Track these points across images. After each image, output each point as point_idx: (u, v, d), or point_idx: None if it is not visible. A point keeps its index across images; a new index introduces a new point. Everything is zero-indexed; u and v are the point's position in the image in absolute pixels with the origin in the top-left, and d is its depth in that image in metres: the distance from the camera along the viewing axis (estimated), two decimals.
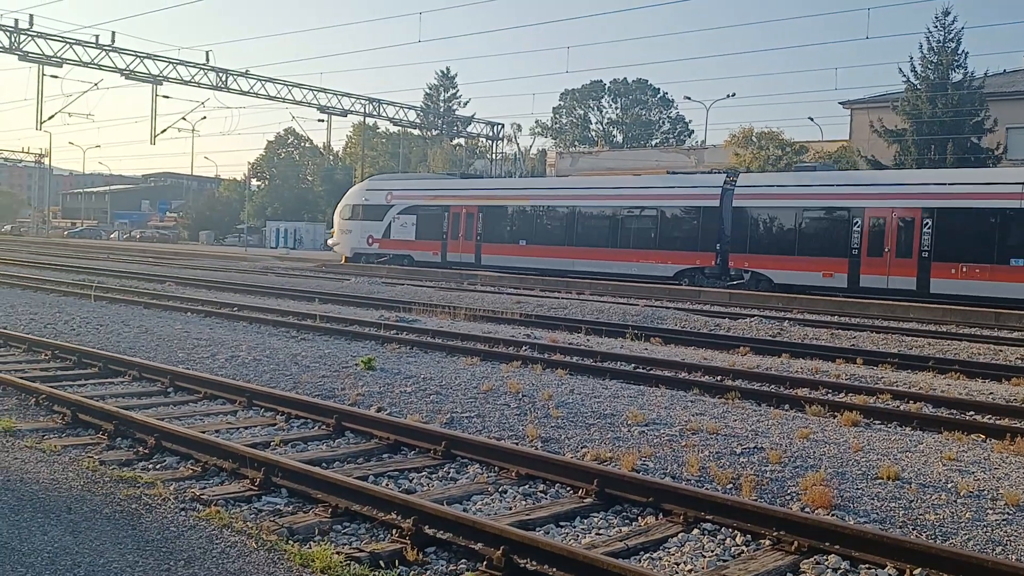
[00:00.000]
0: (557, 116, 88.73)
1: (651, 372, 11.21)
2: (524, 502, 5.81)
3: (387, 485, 5.94)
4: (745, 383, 10.56)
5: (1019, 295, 22.10)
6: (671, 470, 6.58)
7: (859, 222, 25.14)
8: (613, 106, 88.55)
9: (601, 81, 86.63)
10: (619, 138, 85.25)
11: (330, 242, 42.74)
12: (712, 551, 5.00)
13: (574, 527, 5.38)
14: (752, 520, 5.21)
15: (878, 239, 24.83)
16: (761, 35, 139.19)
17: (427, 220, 35.64)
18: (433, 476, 6.33)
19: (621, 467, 6.41)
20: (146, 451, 6.58)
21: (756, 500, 5.77)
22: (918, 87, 37.13)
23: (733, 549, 5.04)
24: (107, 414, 7.26)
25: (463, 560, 4.67)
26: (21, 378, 8.77)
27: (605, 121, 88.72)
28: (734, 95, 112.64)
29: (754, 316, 19.09)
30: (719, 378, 10.92)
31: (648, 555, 4.96)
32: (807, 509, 5.70)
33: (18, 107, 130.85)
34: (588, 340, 14.71)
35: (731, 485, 6.18)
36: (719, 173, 31.35)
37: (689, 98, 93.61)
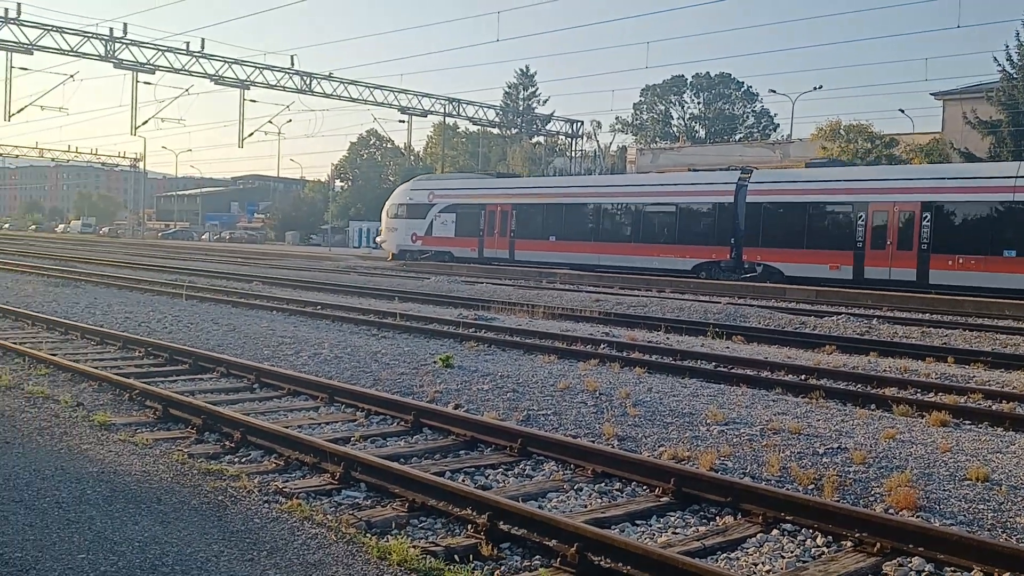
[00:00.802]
0: (637, 112, 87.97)
1: (732, 371, 11.05)
2: (599, 500, 5.81)
3: (463, 481, 6.02)
4: (830, 382, 10.31)
5: (1011, 285, 22.94)
6: (751, 470, 6.49)
7: (863, 216, 26.13)
8: (695, 101, 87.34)
9: (682, 76, 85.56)
10: (701, 133, 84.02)
11: (378, 240, 44.59)
12: (792, 552, 4.91)
13: (650, 526, 5.36)
14: (833, 521, 5.10)
15: (881, 232, 25.80)
16: (848, 25, 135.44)
17: (465, 218, 37.49)
18: (509, 473, 6.38)
19: (699, 466, 6.35)
20: (232, 445, 6.82)
21: (838, 501, 5.65)
22: (1014, 76, 35.59)
23: (813, 550, 4.95)
24: (196, 409, 7.53)
25: (537, 556, 4.70)
26: (116, 374, 9.16)
27: (687, 116, 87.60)
28: (821, 87, 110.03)
29: (841, 314, 18.62)
30: (803, 377, 10.70)
31: (725, 555, 4.91)
32: (891, 511, 5.55)
33: (113, 113, 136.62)
34: (668, 338, 14.59)
35: (813, 486, 6.06)
36: (734, 170, 31.96)
37: (774, 91, 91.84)
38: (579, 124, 65.52)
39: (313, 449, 6.31)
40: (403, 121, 58.42)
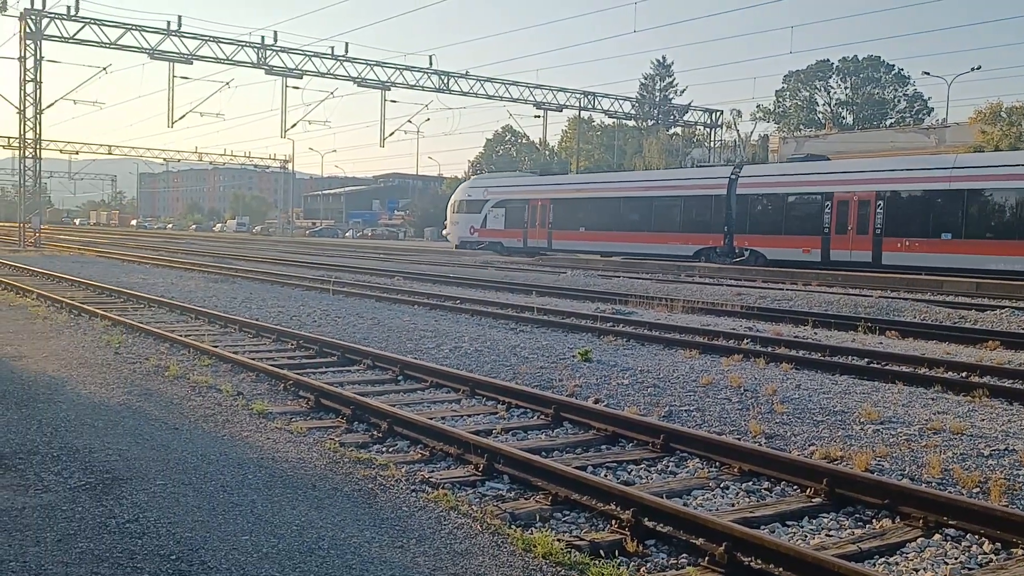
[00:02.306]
0: (780, 99, 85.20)
1: (886, 367, 10.53)
2: (747, 499, 5.66)
3: (605, 476, 6.00)
4: (995, 380, 9.67)
5: (948, 264, 26.07)
6: (909, 471, 6.17)
7: (829, 205, 29.53)
8: (842, 86, 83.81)
9: (828, 60, 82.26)
10: (849, 119, 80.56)
11: (444, 232, 49.19)
12: (956, 559, 4.64)
13: (801, 527, 5.18)
14: (1002, 527, 4.79)
15: (843, 219, 29.16)
16: (1010, 2, 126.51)
17: (513, 212, 42.02)
18: (652, 469, 6.31)
19: (853, 466, 6.09)
20: (380, 435, 7.04)
21: (1007, 506, 5.29)
22: None
23: (980, 557, 4.66)
24: (346, 400, 7.82)
25: (684, 555, 4.62)
26: (272, 365, 9.63)
27: (833, 102, 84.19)
28: (979, 68, 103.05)
29: (1004, 307, 17.44)
30: (964, 374, 10.08)
31: (883, 559, 4.69)
32: None
33: (265, 118, 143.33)
34: (815, 333, 14.08)
35: (978, 489, 5.71)
36: (729, 165, 36.57)
37: (928, 73, 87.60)
38: (718, 113, 64.05)
39: (457, 441, 6.44)
40: (538, 116, 58.71)
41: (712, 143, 64.79)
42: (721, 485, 5.89)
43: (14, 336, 11.67)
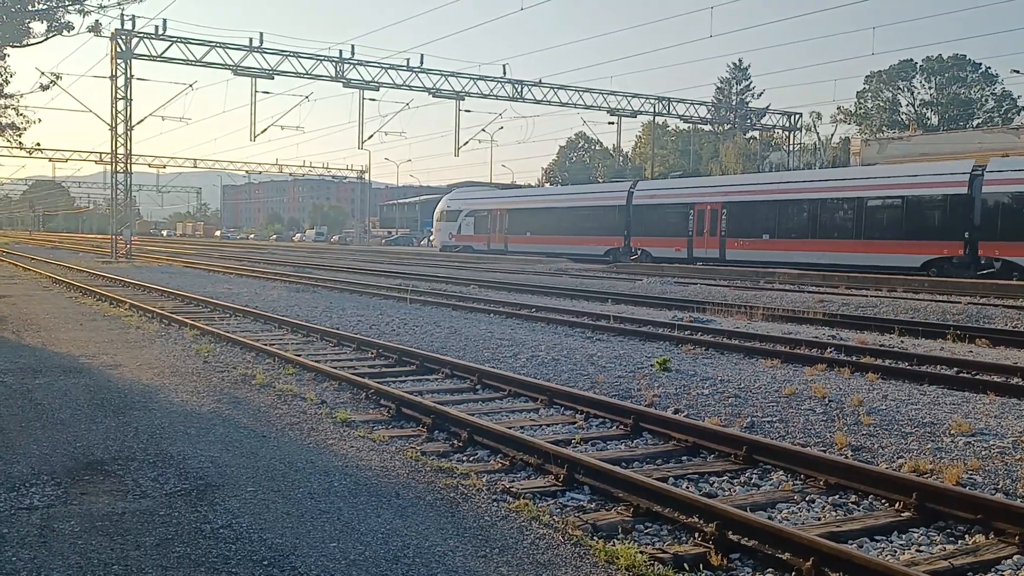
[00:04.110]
0: (862, 101, 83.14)
1: (977, 377, 10.20)
2: (834, 513, 5.55)
3: (687, 488, 5.95)
4: None
5: (768, 259, 33.25)
6: (1003, 485, 5.97)
7: (692, 214, 37.56)
8: (926, 86, 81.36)
9: (911, 60, 79.97)
10: (934, 120, 78.12)
11: (431, 238, 60.64)
12: None
13: (890, 542, 5.06)
14: None
15: (701, 224, 37.05)
16: None
17: (480, 221, 51.46)
18: (734, 481, 6.24)
19: (944, 480, 5.92)
20: (460, 444, 7.12)
21: None
22: None
23: None
24: (426, 409, 7.93)
25: (770, 569, 4.56)
26: (353, 374, 9.82)
27: (917, 103, 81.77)
28: None
29: None
30: None
31: None
32: None
33: (342, 129, 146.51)
34: (902, 341, 13.69)
35: None
36: (628, 181, 45.72)
37: (1017, 71, 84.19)
38: (797, 116, 62.86)
39: (536, 450, 6.47)
40: (612, 123, 58.49)
41: (791, 146, 63.57)
42: (806, 498, 5.79)
43: (109, 345, 12.17)
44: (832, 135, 77.61)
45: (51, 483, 5.60)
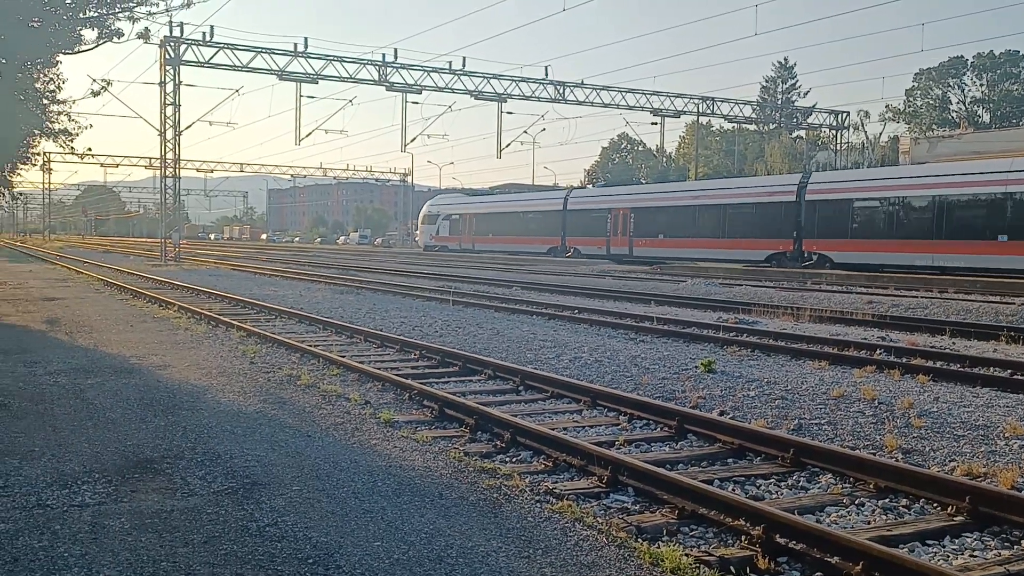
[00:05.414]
0: (911, 99, 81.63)
1: None
2: (884, 517, 5.45)
3: (733, 490, 5.88)
4: None
5: (664, 255, 40.88)
6: None
7: (610, 217, 45.20)
8: (977, 83, 79.61)
9: (962, 56, 78.35)
10: (986, 118, 76.45)
11: (416, 238, 70.40)
12: None
13: (943, 547, 4.95)
14: None
15: (616, 225, 44.83)
16: None
17: (454, 223, 60.05)
18: (781, 484, 6.15)
19: (998, 484, 5.78)
20: (503, 445, 7.11)
21: None
22: None
23: None
24: (469, 409, 7.94)
25: (818, 573, 4.49)
26: (396, 375, 9.87)
27: (968, 100, 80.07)
28: None
29: None
30: None
31: None
32: None
33: (385, 133, 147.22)
34: (954, 343, 13.41)
35: None
36: (564, 190, 55.94)
37: None
38: (844, 115, 61.88)
39: (580, 452, 6.44)
40: (655, 123, 58.15)
41: (838, 146, 62.61)
42: (856, 502, 5.69)
43: (158, 346, 12.38)
44: (880, 134, 76.39)
45: (102, 481, 5.71)
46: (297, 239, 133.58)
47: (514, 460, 6.78)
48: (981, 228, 28.59)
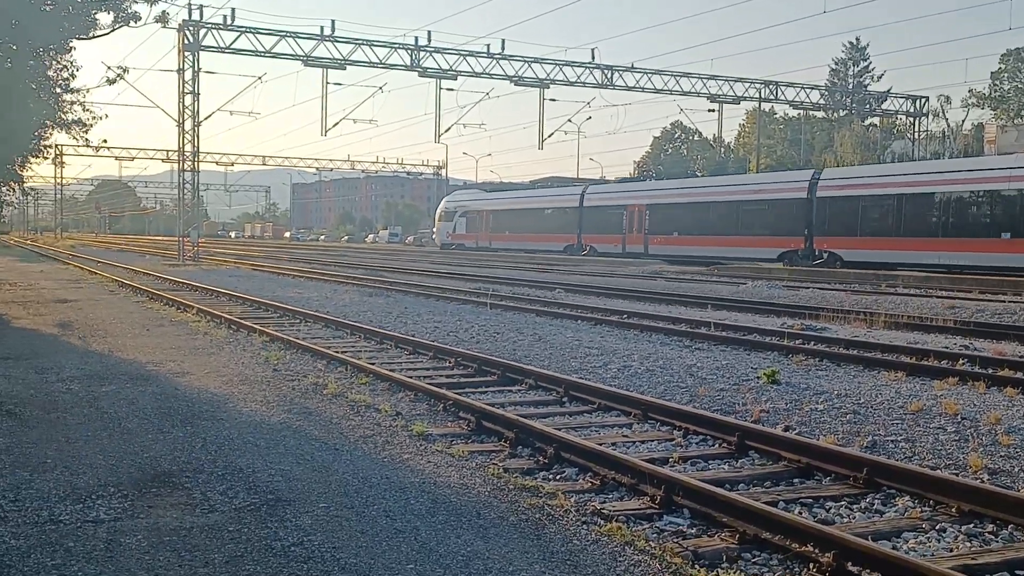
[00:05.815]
0: (997, 82, 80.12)
1: None
2: (968, 543, 5.36)
3: (799, 513, 5.82)
4: None
5: (681, 253, 42.87)
6: None
7: (626, 213, 47.76)
8: None
9: None
10: None
11: (433, 236, 74.26)
12: None
13: None
14: None
15: (632, 222, 47.26)
16: None
17: (471, 221, 62.64)
18: (853, 507, 6.08)
19: None
20: (545, 460, 7.11)
21: None
22: None
23: None
24: (508, 422, 7.95)
25: None
26: (430, 384, 9.92)
27: None
28: None
29: None
30: None
31: None
32: None
33: (418, 123, 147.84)
34: None
35: None
36: (580, 185, 58.05)
37: None
38: (923, 100, 61.00)
39: (630, 469, 6.42)
40: (713, 110, 57.77)
41: (916, 134, 61.70)
42: (936, 527, 5.60)
43: (176, 352, 12.58)
44: (963, 121, 75.10)
45: (117, 495, 5.81)
46: (323, 237, 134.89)
47: (558, 477, 6.78)
48: (990, 226, 30.47)
